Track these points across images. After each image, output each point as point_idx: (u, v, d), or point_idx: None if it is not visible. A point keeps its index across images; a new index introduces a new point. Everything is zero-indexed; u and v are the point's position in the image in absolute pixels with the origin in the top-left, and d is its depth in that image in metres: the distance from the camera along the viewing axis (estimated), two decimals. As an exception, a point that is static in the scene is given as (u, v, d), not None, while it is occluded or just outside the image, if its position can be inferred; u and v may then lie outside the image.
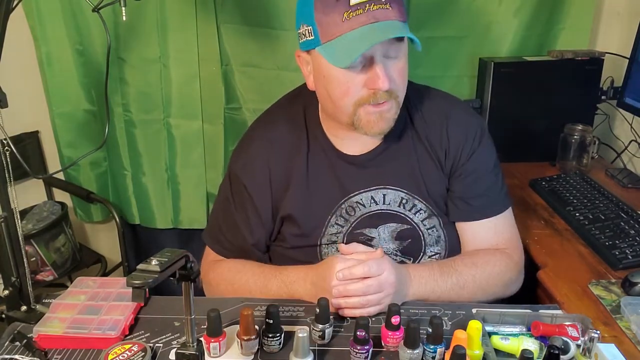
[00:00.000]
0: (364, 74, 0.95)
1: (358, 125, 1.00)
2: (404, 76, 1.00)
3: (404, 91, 1.02)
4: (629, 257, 1.09)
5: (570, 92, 1.63)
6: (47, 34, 1.73)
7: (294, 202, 1.08)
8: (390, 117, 1.00)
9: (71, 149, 1.89)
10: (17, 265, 0.94)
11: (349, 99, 0.97)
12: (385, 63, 0.95)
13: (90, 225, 2.13)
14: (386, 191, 1.08)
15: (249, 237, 1.11)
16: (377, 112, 0.98)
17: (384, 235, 1.08)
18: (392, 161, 1.09)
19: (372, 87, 0.95)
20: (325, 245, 1.09)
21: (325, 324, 0.88)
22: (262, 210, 1.10)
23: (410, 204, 1.08)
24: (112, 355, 0.84)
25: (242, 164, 1.12)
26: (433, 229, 1.09)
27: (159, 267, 0.69)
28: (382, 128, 1.00)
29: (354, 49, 0.91)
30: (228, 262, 1.14)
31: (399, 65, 0.97)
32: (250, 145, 1.13)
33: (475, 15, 1.69)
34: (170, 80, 1.76)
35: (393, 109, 1.00)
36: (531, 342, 0.85)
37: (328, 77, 0.98)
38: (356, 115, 0.99)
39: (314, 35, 0.96)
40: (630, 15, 1.66)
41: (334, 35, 0.93)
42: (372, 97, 0.96)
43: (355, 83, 0.96)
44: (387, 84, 0.94)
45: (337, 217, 1.08)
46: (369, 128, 1.00)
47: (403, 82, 1.00)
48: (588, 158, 1.57)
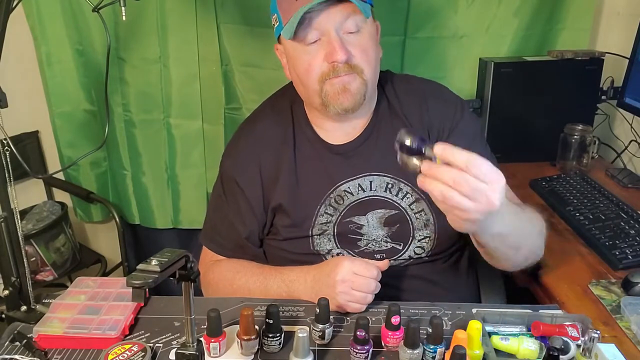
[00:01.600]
0: (323, 49, 1.00)
1: (327, 101, 1.03)
2: (366, 51, 1.02)
3: (370, 68, 1.03)
4: (629, 257, 1.09)
5: (570, 92, 1.63)
6: (47, 34, 1.73)
7: (283, 194, 1.10)
8: (355, 90, 1.02)
9: (71, 149, 1.89)
10: (17, 265, 0.94)
11: (313, 75, 1.01)
12: (344, 37, 0.99)
13: (90, 225, 2.13)
14: (372, 177, 1.10)
15: (242, 230, 1.13)
16: (340, 83, 1.01)
17: (372, 222, 1.09)
18: (374, 147, 1.10)
19: (330, 59, 0.99)
20: (317, 236, 1.10)
21: (325, 324, 0.88)
22: (254, 202, 1.12)
23: (396, 188, 1.09)
24: (112, 355, 0.84)
25: (232, 160, 1.15)
26: (421, 213, 1.09)
27: (159, 267, 0.69)
28: (349, 101, 1.02)
29: (298, 15, 0.96)
30: (227, 263, 1.14)
31: (360, 40, 1.01)
32: (239, 142, 1.17)
33: (475, 15, 1.69)
34: (170, 80, 1.76)
35: (357, 82, 1.01)
36: (531, 342, 0.85)
37: (293, 57, 1.04)
38: (323, 91, 1.02)
39: (279, 21, 1.02)
40: (630, 15, 1.66)
41: (290, 14, 0.98)
42: (332, 71, 1.00)
43: (316, 58, 1.00)
44: (343, 55, 0.98)
45: (326, 207, 1.09)
46: (335, 101, 1.02)
47: (365, 56, 1.02)
48: (588, 158, 1.57)
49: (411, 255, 1.10)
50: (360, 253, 1.09)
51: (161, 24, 1.69)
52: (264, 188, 1.11)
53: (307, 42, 1.00)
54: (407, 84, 1.16)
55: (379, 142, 1.10)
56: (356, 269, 0.94)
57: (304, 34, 1.00)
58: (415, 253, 1.10)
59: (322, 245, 1.10)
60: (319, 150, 1.12)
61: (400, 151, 0.79)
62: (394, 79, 1.16)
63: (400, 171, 0.98)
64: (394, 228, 1.09)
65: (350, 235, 1.10)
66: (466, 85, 1.77)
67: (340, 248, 1.10)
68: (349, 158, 1.11)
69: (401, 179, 1.09)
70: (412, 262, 1.11)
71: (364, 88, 1.03)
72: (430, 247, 1.11)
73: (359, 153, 1.11)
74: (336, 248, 1.10)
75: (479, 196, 0.74)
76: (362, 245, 1.10)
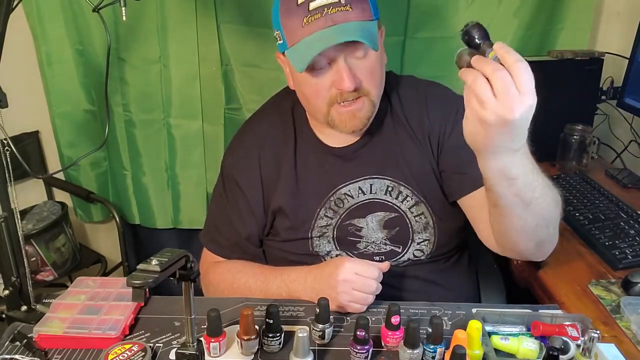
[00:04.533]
0: (331, 75, 0.97)
1: (333, 124, 1.02)
2: (373, 74, 1.00)
3: (376, 88, 1.02)
4: (629, 257, 1.09)
5: (570, 92, 1.63)
6: (47, 34, 1.73)
7: (284, 196, 1.10)
8: (363, 116, 1.01)
9: (71, 149, 1.89)
10: (17, 265, 0.94)
11: (321, 100, 1.00)
12: (352, 63, 0.96)
13: (90, 225, 2.13)
14: (372, 181, 1.09)
15: (242, 230, 1.13)
16: (349, 112, 1.00)
17: (372, 225, 1.09)
18: (374, 151, 1.10)
19: (337, 87, 0.97)
20: (316, 238, 1.10)
21: (326, 324, 0.88)
22: (254, 203, 1.11)
23: (396, 192, 1.09)
24: (112, 355, 0.84)
25: (234, 160, 1.15)
26: (421, 216, 1.09)
27: (159, 267, 0.69)
28: (355, 126, 1.02)
29: (307, 53, 0.93)
30: (227, 263, 1.14)
31: (367, 64, 0.98)
32: (241, 142, 1.16)
33: (475, 15, 1.68)
34: (170, 80, 1.76)
35: (365, 107, 1.01)
36: (531, 342, 0.85)
37: (299, 79, 1.01)
38: (330, 115, 1.01)
39: (282, 40, 0.98)
40: (630, 15, 1.66)
41: (296, 40, 0.95)
42: (339, 97, 0.98)
43: (324, 84, 0.98)
44: (351, 84, 0.95)
45: (326, 210, 1.09)
46: (342, 127, 1.02)
47: (372, 80, 1.00)
48: (588, 158, 1.57)
49: (410, 257, 1.10)
50: (359, 255, 1.09)
51: (161, 24, 1.69)
52: (264, 190, 1.11)
53: (315, 69, 0.97)
54: (410, 86, 1.14)
55: (380, 146, 1.10)
56: (357, 269, 0.94)
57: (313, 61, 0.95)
58: (414, 256, 1.10)
59: (321, 246, 1.10)
60: (320, 153, 1.11)
61: (462, 40, 0.78)
62: (398, 82, 1.14)
63: (455, 62, 0.85)
64: (393, 231, 1.09)
65: (350, 237, 1.10)
66: (466, 85, 1.76)
67: (339, 250, 1.10)
68: (350, 161, 1.10)
69: (401, 182, 1.09)
70: (411, 263, 1.11)
71: (371, 110, 1.02)
72: (430, 250, 1.11)
73: (359, 156, 1.10)
74: (335, 250, 1.11)
75: (504, 97, 0.71)
76: (361, 248, 1.10)
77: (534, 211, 0.88)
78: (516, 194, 0.84)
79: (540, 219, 0.90)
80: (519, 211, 0.87)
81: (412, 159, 1.09)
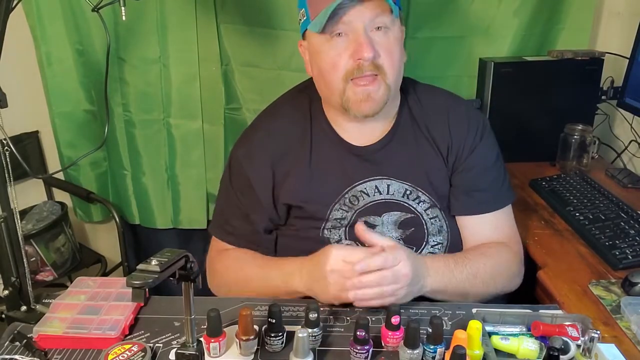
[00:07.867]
0: (350, 46, 0.98)
1: (347, 106, 1.02)
2: (392, 54, 1.01)
3: (394, 69, 1.02)
4: (629, 257, 1.09)
5: (570, 92, 1.63)
6: (47, 34, 1.73)
7: (296, 192, 1.09)
8: (379, 99, 1.01)
9: (71, 149, 1.89)
10: (17, 265, 0.94)
11: (337, 72, 1.00)
12: (371, 35, 0.98)
13: (90, 225, 2.13)
14: (390, 182, 1.09)
15: (251, 220, 1.12)
16: (365, 92, 1.00)
17: (387, 223, 1.09)
18: (396, 154, 1.10)
19: (356, 57, 0.98)
20: (328, 230, 1.09)
21: (315, 329, 0.87)
22: (263, 196, 1.11)
23: (414, 195, 1.09)
24: (112, 355, 0.83)
25: (244, 151, 1.14)
26: (435, 219, 1.10)
27: (159, 267, 0.69)
28: (371, 108, 1.02)
29: (328, 10, 0.95)
30: (234, 252, 1.14)
31: (387, 41, 1.00)
32: (254, 135, 1.16)
33: (475, 15, 1.69)
34: (170, 80, 1.76)
35: (381, 90, 1.01)
36: (531, 342, 0.85)
37: (319, 52, 1.02)
38: (345, 95, 1.01)
39: (306, 16, 1.01)
40: (630, 15, 1.66)
41: (319, 9, 0.97)
42: (357, 71, 0.99)
43: (342, 55, 0.99)
44: (370, 52, 0.97)
45: (340, 205, 1.09)
46: (356, 108, 1.02)
47: (390, 59, 1.01)
48: (588, 158, 1.57)
49: None
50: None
51: (161, 24, 1.69)
52: (274, 185, 1.10)
53: (333, 34, 0.99)
54: (432, 96, 1.15)
55: (399, 149, 1.10)
56: (344, 254, 0.92)
57: (332, 28, 0.98)
58: None
59: (333, 238, 1.09)
60: (338, 149, 1.11)
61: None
62: (418, 88, 1.15)
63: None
64: (408, 231, 1.09)
65: None
66: (466, 85, 1.77)
67: (349, 240, 1.09)
68: (368, 160, 1.10)
69: (419, 188, 1.09)
70: None
71: (387, 94, 1.02)
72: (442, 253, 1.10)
73: (378, 157, 1.10)
74: (345, 240, 1.09)
75: (399, 278, 0.90)
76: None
77: (477, 291, 1.02)
78: (452, 295, 1.00)
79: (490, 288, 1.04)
80: (467, 298, 1.02)
81: (432, 168, 1.10)
